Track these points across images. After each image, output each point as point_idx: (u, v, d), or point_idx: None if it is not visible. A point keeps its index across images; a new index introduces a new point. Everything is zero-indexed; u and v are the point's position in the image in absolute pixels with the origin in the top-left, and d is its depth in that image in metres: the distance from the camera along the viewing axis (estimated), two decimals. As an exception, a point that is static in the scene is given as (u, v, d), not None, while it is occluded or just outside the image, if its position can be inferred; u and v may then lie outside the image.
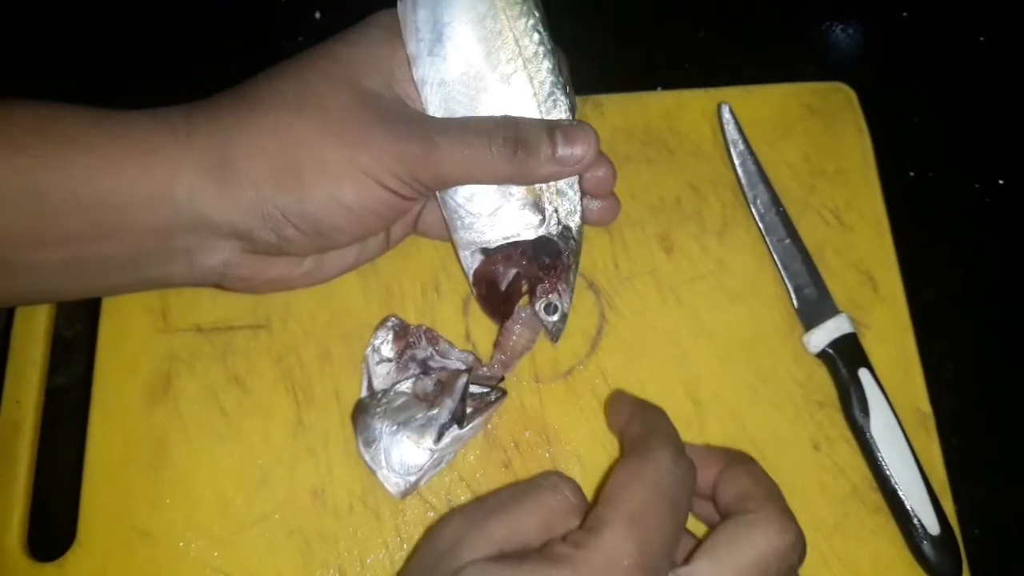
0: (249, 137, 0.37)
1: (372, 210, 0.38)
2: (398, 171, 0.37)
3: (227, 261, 0.39)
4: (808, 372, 0.44)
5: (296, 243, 0.38)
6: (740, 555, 0.31)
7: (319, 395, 0.43)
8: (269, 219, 0.37)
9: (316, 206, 0.37)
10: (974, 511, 0.42)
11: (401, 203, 0.38)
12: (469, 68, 0.39)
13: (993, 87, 0.54)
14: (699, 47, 0.55)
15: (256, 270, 0.40)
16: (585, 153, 0.38)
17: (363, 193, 0.37)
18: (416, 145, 0.37)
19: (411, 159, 0.37)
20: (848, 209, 0.47)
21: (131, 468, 0.42)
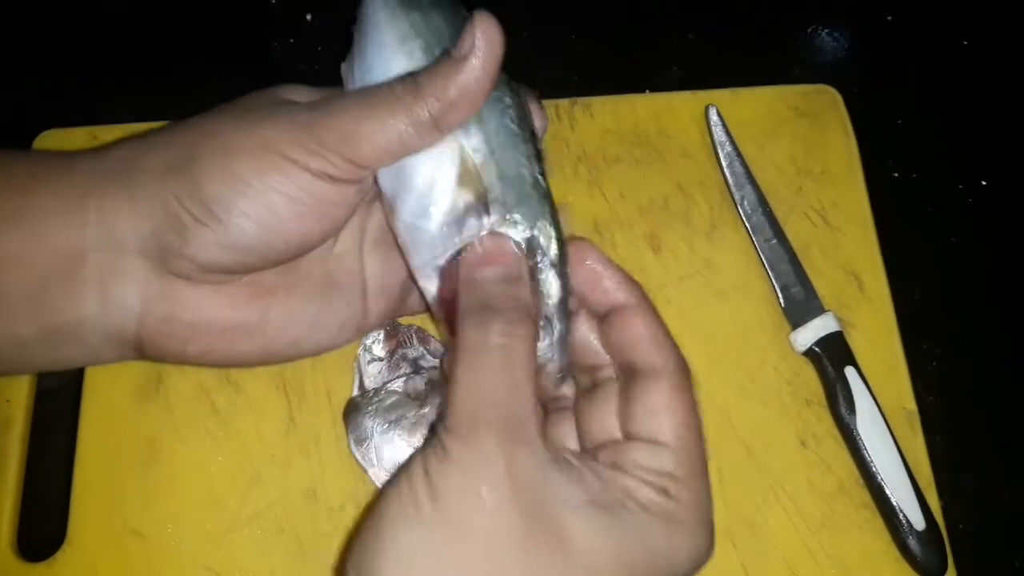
0: (158, 142, 0.35)
1: (279, 191, 0.33)
2: (299, 137, 0.32)
3: (142, 292, 0.35)
4: (795, 370, 0.44)
5: (203, 244, 0.33)
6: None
7: (311, 394, 0.43)
8: (169, 215, 0.33)
9: (210, 184, 0.33)
10: (959, 507, 0.43)
11: (315, 190, 0.33)
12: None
13: (977, 89, 0.54)
14: (687, 50, 0.55)
15: (177, 304, 0.35)
16: (480, 34, 0.32)
17: (262, 166, 0.32)
18: (317, 111, 0.33)
19: (314, 124, 0.33)
20: (834, 209, 0.48)
21: (122, 467, 0.42)
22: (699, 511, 0.30)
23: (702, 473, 0.31)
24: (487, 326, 0.30)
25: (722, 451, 0.43)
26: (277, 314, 0.37)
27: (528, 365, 0.30)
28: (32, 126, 0.49)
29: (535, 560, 0.27)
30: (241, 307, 0.36)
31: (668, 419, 0.31)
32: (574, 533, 0.27)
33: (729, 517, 0.41)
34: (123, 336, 0.35)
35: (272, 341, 0.37)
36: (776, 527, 0.41)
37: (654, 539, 0.29)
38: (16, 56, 0.56)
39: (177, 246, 0.34)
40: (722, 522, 0.41)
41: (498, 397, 0.29)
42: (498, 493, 0.27)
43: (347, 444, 0.40)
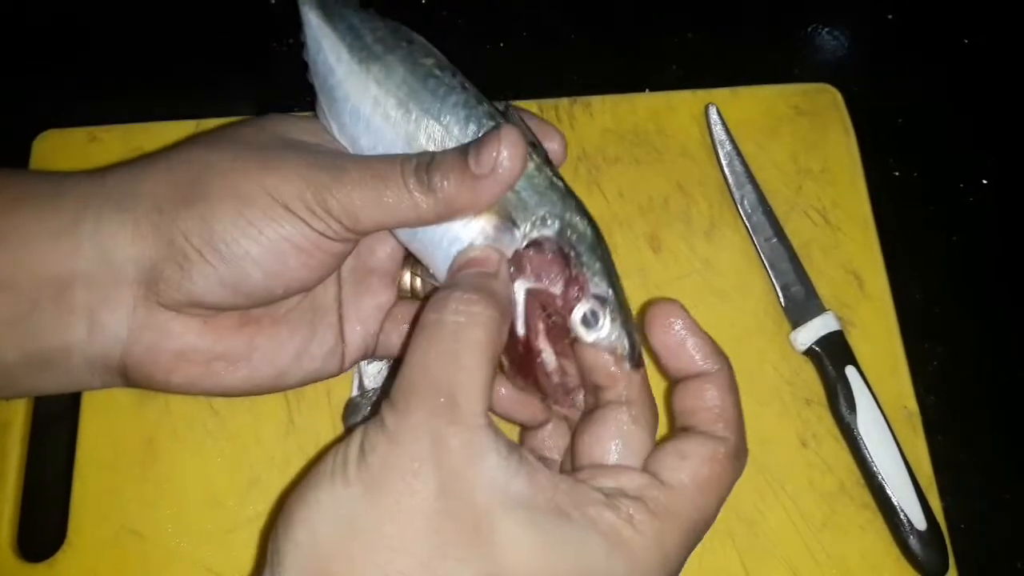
0: (159, 169, 0.35)
1: (289, 241, 0.33)
2: (307, 198, 0.33)
3: (130, 322, 0.34)
4: (795, 369, 0.44)
5: (205, 279, 0.34)
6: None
7: (310, 395, 0.43)
8: (173, 247, 0.33)
9: (222, 226, 0.33)
10: (960, 507, 0.42)
11: (320, 243, 0.34)
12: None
13: (977, 88, 0.54)
14: (687, 49, 0.55)
15: (164, 333, 0.35)
16: (504, 154, 0.32)
17: (272, 214, 0.33)
18: (326, 173, 0.33)
19: (320, 186, 0.33)
20: (834, 208, 0.48)
21: (121, 467, 0.42)
22: (660, 556, 0.28)
23: (686, 532, 0.29)
24: (443, 304, 0.30)
25: (722, 451, 0.42)
26: (263, 344, 0.37)
27: (480, 344, 0.29)
28: (32, 126, 0.49)
29: (446, 542, 0.26)
30: (227, 338, 0.36)
31: (689, 470, 0.30)
32: (499, 528, 0.27)
33: (729, 516, 0.41)
34: (108, 364, 0.35)
35: (256, 371, 0.37)
36: (777, 527, 0.41)
37: (590, 558, 0.27)
38: (16, 56, 0.56)
39: (176, 279, 0.33)
40: (722, 522, 0.41)
41: (438, 372, 0.28)
42: (420, 466, 0.27)
43: (346, 444, 0.40)
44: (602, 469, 0.31)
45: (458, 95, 0.35)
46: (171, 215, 0.33)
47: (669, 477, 0.29)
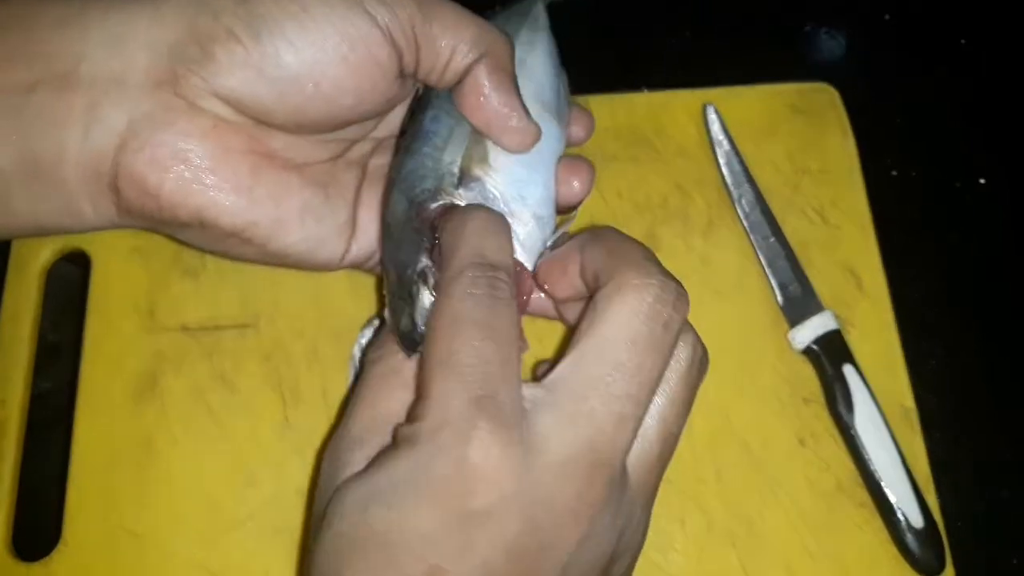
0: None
1: (336, 28, 0.30)
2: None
3: (132, 113, 0.31)
4: (793, 368, 0.44)
5: (227, 64, 0.30)
6: (603, 344, 0.27)
7: (306, 394, 0.43)
8: (198, 27, 0.30)
9: (265, 2, 0.30)
10: (957, 505, 0.42)
11: (373, 52, 0.31)
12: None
13: (975, 88, 0.54)
14: (684, 48, 0.55)
15: (164, 127, 0.31)
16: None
17: (332, 3, 0.30)
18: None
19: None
20: (832, 208, 0.48)
21: (117, 467, 0.42)
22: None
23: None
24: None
25: (720, 449, 0.42)
26: (269, 179, 0.33)
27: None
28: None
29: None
30: (231, 153, 0.32)
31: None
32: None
33: (727, 515, 0.41)
34: (100, 171, 0.31)
35: (256, 205, 0.32)
36: (774, 526, 0.41)
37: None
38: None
39: (197, 61, 0.30)
40: (720, 520, 0.41)
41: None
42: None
43: (343, 443, 0.40)
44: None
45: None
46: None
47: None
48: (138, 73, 0.31)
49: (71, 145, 0.31)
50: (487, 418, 0.26)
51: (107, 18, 0.31)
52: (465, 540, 0.25)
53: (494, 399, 0.26)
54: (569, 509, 0.26)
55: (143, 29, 0.31)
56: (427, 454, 0.26)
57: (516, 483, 0.26)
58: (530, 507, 0.26)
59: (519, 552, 0.26)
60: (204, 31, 0.30)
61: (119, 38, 0.31)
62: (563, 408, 0.27)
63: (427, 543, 0.25)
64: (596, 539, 0.27)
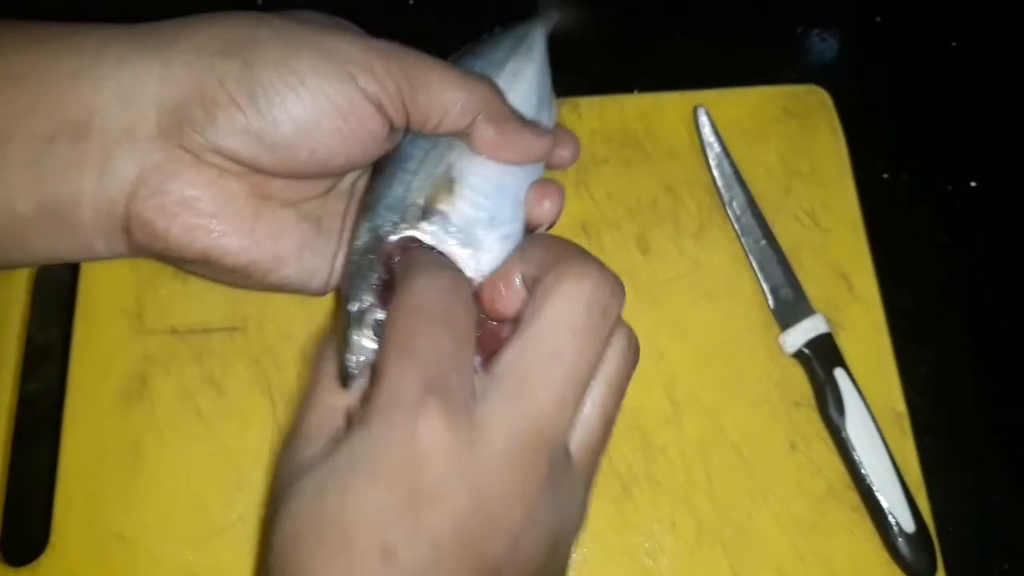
0: (205, 21, 0.34)
1: (329, 100, 0.32)
2: (370, 60, 0.33)
3: (143, 161, 0.33)
4: (784, 372, 0.44)
5: (230, 125, 0.32)
6: (543, 331, 0.28)
7: (296, 396, 0.43)
8: (204, 89, 0.32)
9: (263, 71, 0.32)
10: (948, 509, 0.42)
11: (362, 112, 0.33)
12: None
13: (966, 90, 0.54)
14: (675, 50, 0.55)
15: (174, 176, 0.33)
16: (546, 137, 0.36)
17: (320, 68, 0.32)
18: (394, 46, 0.34)
19: (386, 51, 0.33)
20: (823, 210, 0.47)
21: (105, 471, 0.41)
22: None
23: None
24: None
25: (711, 453, 0.42)
26: (268, 219, 0.35)
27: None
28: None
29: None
30: (235, 199, 0.34)
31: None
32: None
33: (718, 519, 0.41)
34: (114, 214, 0.33)
35: (258, 244, 0.35)
36: (765, 530, 0.41)
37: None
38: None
39: (201, 122, 0.32)
40: (711, 524, 0.41)
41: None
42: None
43: (332, 447, 0.40)
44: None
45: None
46: (209, 58, 0.32)
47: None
48: (148, 127, 0.33)
49: (86, 192, 0.33)
50: (437, 400, 0.27)
51: (119, 72, 0.33)
52: (415, 517, 0.26)
53: (445, 383, 0.27)
54: (515, 487, 0.27)
55: (153, 85, 0.33)
56: (378, 434, 0.27)
57: (464, 462, 0.26)
58: (478, 485, 0.27)
59: (467, 529, 0.26)
60: (209, 95, 0.32)
61: (130, 93, 0.33)
62: (508, 392, 0.28)
63: (379, 521, 0.26)
64: (541, 517, 0.28)
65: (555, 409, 0.28)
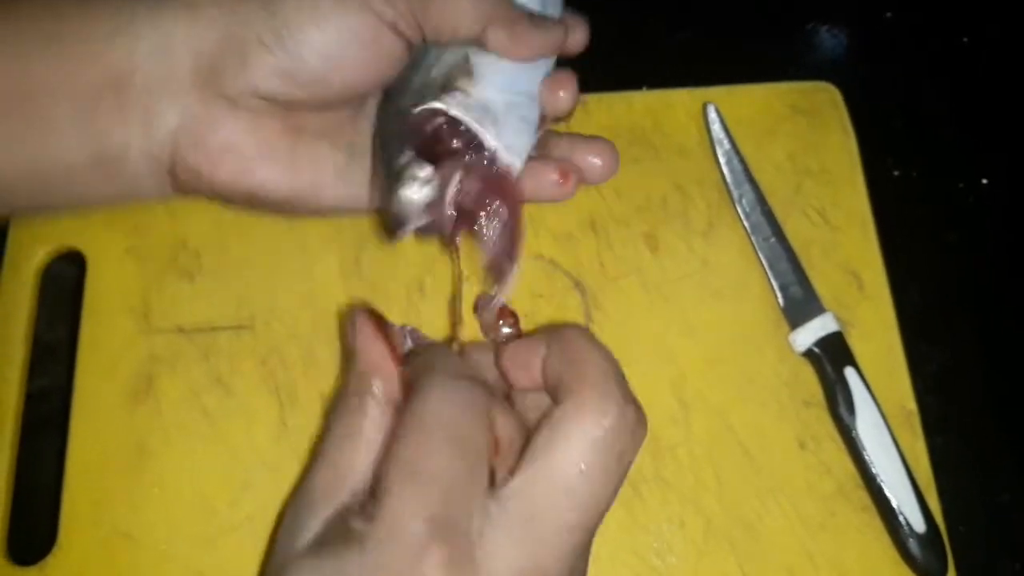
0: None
1: (350, 30, 0.34)
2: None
3: (182, 111, 0.35)
4: (794, 371, 0.44)
5: (262, 68, 0.34)
6: (555, 468, 0.28)
7: (303, 397, 0.43)
8: (232, 37, 0.34)
9: (286, 9, 0.34)
10: (959, 509, 0.42)
11: (382, 38, 0.34)
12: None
13: (976, 87, 0.54)
14: (684, 47, 0.54)
15: (212, 124, 0.35)
16: (556, 29, 0.37)
17: (341, 3, 0.34)
18: None
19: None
20: (833, 208, 0.47)
21: (112, 470, 0.41)
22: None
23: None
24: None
25: (720, 453, 0.42)
26: (305, 151, 0.37)
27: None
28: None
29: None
30: (273, 138, 0.36)
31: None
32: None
33: (727, 519, 0.41)
34: (161, 159, 0.35)
35: (298, 176, 0.37)
36: (775, 530, 0.41)
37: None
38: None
39: (234, 68, 0.34)
40: (720, 524, 0.41)
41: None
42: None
43: (340, 447, 0.40)
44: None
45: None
46: (233, 4, 0.34)
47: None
48: (185, 79, 0.34)
49: (133, 142, 0.35)
50: (441, 545, 0.26)
51: (153, 30, 0.34)
52: None
53: (452, 524, 0.26)
54: None
55: (184, 36, 0.34)
56: (374, 565, 0.26)
57: None
58: None
59: None
60: (238, 41, 0.34)
61: (165, 48, 0.34)
62: (513, 529, 0.27)
63: None
64: None
65: (561, 556, 0.27)
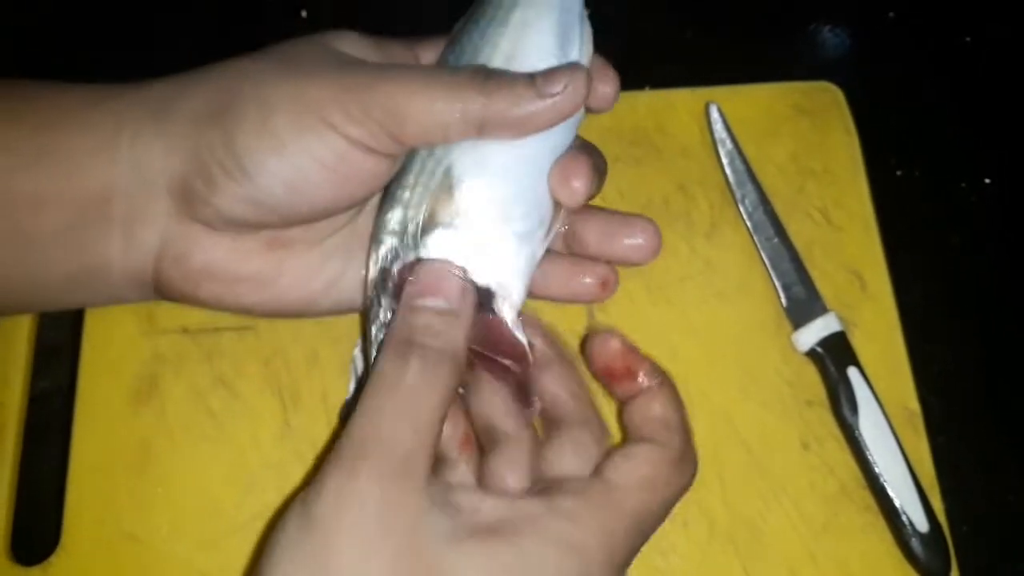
0: (199, 80, 0.35)
1: (312, 155, 0.32)
2: (346, 102, 0.31)
3: (162, 233, 0.35)
4: (797, 371, 0.44)
5: (228, 195, 0.33)
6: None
7: (306, 397, 0.43)
8: (200, 161, 0.33)
9: (244, 138, 0.32)
10: (962, 508, 0.42)
11: (349, 157, 0.32)
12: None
13: (979, 87, 0.54)
14: (686, 47, 0.55)
15: (193, 246, 0.35)
16: (570, 82, 0.32)
17: (299, 127, 0.31)
18: (371, 74, 0.32)
19: (362, 87, 0.31)
20: (836, 208, 0.47)
21: (116, 471, 0.41)
22: (606, 550, 0.29)
23: (629, 525, 0.30)
24: (403, 358, 0.29)
25: (722, 453, 0.42)
26: (292, 268, 0.36)
27: (436, 409, 0.29)
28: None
29: None
30: (255, 259, 0.35)
31: (632, 468, 0.31)
32: (452, 566, 0.27)
33: (730, 519, 0.41)
34: (143, 278, 0.36)
35: (284, 295, 0.36)
36: (777, 530, 0.41)
37: (544, 567, 0.28)
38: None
39: (204, 195, 0.33)
40: (723, 524, 0.41)
41: (393, 436, 0.28)
42: (366, 530, 0.27)
43: (343, 447, 0.40)
44: (554, 480, 0.31)
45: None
46: (199, 129, 0.33)
47: (612, 475, 0.30)
48: (162, 200, 0.34)
49: (115, 260, 0.35)
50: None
51: (133, 146, 0.34)
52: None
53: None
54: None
55: (160, 158, 0.34)
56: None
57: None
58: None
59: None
60: (205, 166, 0.33)
61: (143, 167, 0.34)
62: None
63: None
64: None
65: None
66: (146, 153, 0.34)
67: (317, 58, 0.34)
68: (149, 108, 0.34)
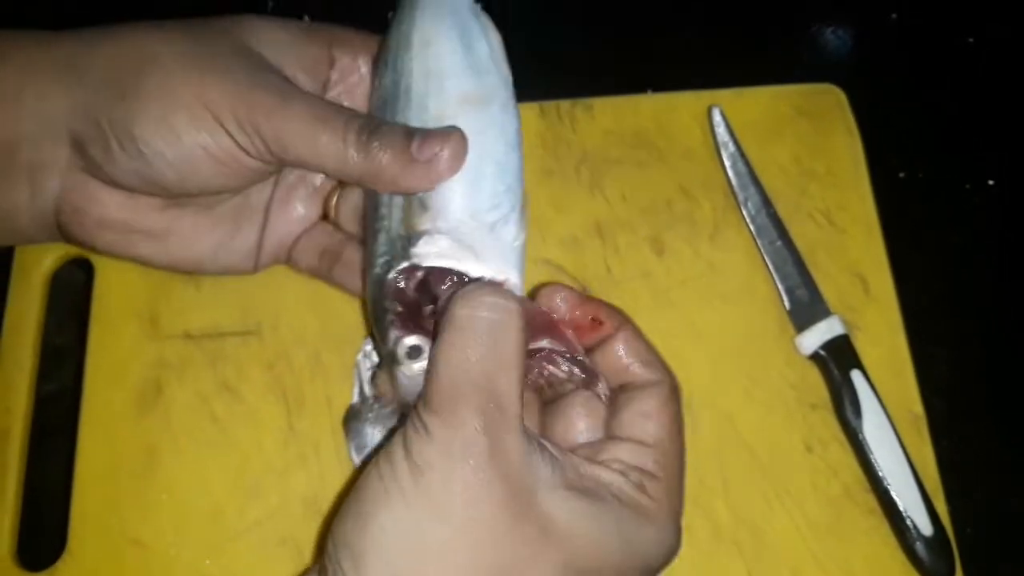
0: (108, 45, 0.36)
1: (205, 150, 0.35)
2: (241, 115, 0.34)
3: (63, 184, 0.37)
4: (800, 374, 0.44)
5: (122, 168, 0.36)
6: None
7: (310, 401, 0.43)
8: (98, 129, 0.35)
9: (143, 125, 0.34)
10: (966, 512, 0.42)
11: (239, 157, 0.35)
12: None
13: (981, 88, 0.54)
14: (689, 50, 0.54)
15: (89, 199, 0.37)
16: (445, 154, 0.33)
17: (196, 125, 0.34)
18: (272, 97, 0.34)
19: (259, 107, 0.34)
20: (839, 210, 0.47)
21: (121, 476, 0.42)
22: (671, 510, 0.31)
23: (678, 476, 0.32)
24: (476, 299, 0.29)
25: (726, 456, 0.42)
26: (182, 229, 0.39)
27: (518, 344, 0.29)
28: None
29: (516, 542, 0.27)
30: (147, 215, 0.38)
31: (655, 423, 0.32)
32: (556, 516, 0.28)
33: (734, 523, 0.41)
34: (47, 222, 0.38)
35: (172, 252, 0.39)
36: (781, 533, 0.41)
37: (627, 530, 0.29)
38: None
39: (99, 161, 0.36)
40: (727, 528, 0.41)
41: (481, 376, 0.28)
42: (481, 475, 0.27)
43: (347, 452, 0.40)
44: (593, 447, 0.32)
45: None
46: (104, 101, 0.35)
47: (647, 438, 0.31)
48: (64, 153, 0.36)
49: (22, 206, 0.37)
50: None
51: (39, 99, 0.36)
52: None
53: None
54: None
55: (64, 115, 0.36)
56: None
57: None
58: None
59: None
60: (104, 137, 0.35)
61: (47, 120, 0.36)
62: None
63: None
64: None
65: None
66: (51, 109, 0.36)
67: (228, 57, 0.36)
68: (56, 64, 0.36)
